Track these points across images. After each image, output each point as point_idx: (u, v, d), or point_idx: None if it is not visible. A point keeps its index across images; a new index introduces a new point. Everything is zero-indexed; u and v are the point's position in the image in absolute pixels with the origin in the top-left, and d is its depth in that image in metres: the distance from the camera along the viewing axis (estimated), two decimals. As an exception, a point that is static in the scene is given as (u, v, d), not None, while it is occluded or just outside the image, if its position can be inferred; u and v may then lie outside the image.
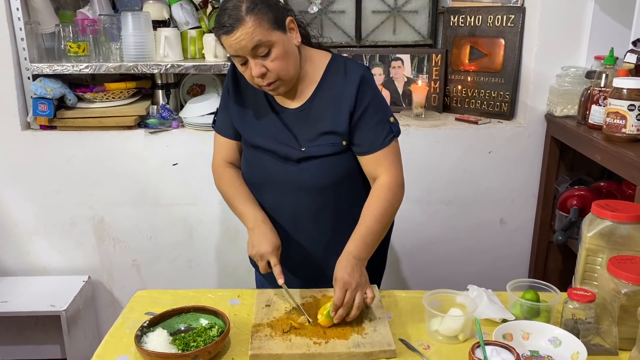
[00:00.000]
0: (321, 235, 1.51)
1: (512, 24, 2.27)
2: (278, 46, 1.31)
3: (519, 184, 2.34)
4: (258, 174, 1.50)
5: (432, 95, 2.47)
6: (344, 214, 1.50)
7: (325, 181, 1.44)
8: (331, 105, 1.42)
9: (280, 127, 1.45)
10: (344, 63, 1.45)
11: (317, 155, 1.42)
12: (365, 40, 2.59)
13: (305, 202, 1.47)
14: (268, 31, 1.29)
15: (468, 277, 2.31)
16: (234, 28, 1.27)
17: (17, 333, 2.32)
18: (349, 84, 1.40)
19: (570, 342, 1.22)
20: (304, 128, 1.43)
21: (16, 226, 2.32)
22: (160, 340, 1.21)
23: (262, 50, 1.30)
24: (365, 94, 1.41)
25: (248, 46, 1.29)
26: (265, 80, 1.35)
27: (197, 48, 2.33)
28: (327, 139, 1.42)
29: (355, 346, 1.23)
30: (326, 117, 1.42)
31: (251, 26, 1.27)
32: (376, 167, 1.43)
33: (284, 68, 1.34)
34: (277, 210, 1.49)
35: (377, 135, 1.42)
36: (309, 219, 1.49)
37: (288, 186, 1.46)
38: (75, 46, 2.19)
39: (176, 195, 2.29)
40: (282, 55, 1.33)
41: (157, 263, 2.39)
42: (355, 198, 1.50)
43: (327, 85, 1.43)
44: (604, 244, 1.33)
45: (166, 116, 2.28)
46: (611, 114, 1.76)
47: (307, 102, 1.44)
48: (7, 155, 2.23)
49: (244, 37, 1.28)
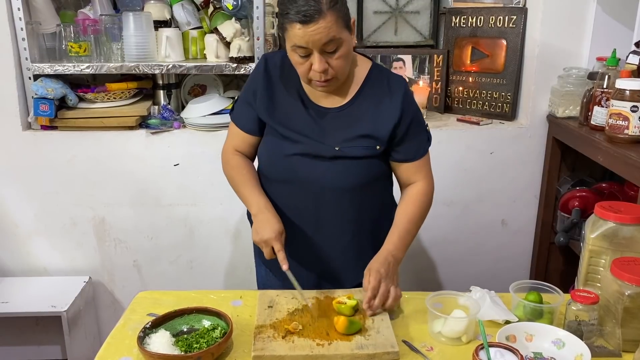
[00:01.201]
0: (341, 237, 1.51)
1: (513, 25, 2.27)
2: (345, 45, 1.33)
3: (521, 185, 2.34)
4: (283, 167, 1.47)
5: (434, 95, 2.47)
6: (365, 218, 1.51)
7: (353, 183, 1.45)
8: (372, 111, 1.43)
9: (313, 124, 1.45)
10: (386, 72, 1.49)
11: (350, 156, 1.43)
12: (367, 41, 2.58)
13: (329, 202, 1.47)
14: (342, 29, 1.31)
15: (469, 278, 2.32)
16: (314, 19, 1.26)
17: (18, 333, 2.32)
18: (394, 94, 1.44)
19: (573, 344, 1.21)
20: (341, 128, 1.44)
21: (17, 226, 2.31)
22: (162, 342, 1.21)
23: (331, 47, 1.31)
24: (410, 107, 1.45)
25: (322, 40, 1.28)
26: (325, 77, 1.35)
27: (199, 48, 2.33)
28: (363, 142, 1.43)
29: (359, 348, 1.22)
30: (366, 121, 1.43)
31: (330, 20, 1.27)
32: (415, 174, 1.49)
33: (344, 67, 1.36)
34: (299, 207, 1.49)
35: (420, 145, 1.49)
36: (331, 219, 1.49)
37: (314, 184, 1.46)
38: (77, 46, 2.19)
39: (177, 195, 2.29)
40: (346, 54, 1.35)
41: (158, 263, 2.39)
42: (378, 204, 1.53)
43: (369, 90, 1.45)
44: (607, 245, 1.33)
45: (167, 116, 2.28)
46: (614, 115, 1.76)
47: (347, 104, 1.45)
48: (8, 155, 2.23)
49: (321, 30, 1.27)
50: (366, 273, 1.36)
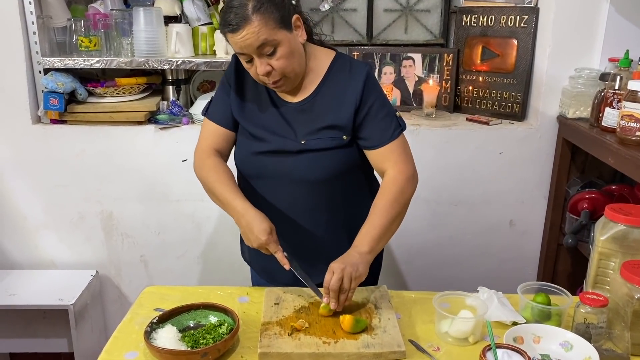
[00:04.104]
0: (314, 229, 1.50)
1: (525, 25, 2.25)
2: (284, 45, 1.33)
3: (530, 186, 2.32)
4: (254, 165, 1.49)
5: (443, 95, 2.46)
6: (338, 210, 1.51)
7: (321, 174, 1.44)
8: (334, 101, 1.43)
9: (280, 120, 1.46)
10: (349, 61, 1.47)
11: (316, 149, 1.42)
12: (377, 39, 2.57)
13: (300, 195, 1.47)
14: (274, 30, 1.30)
15: (476, 278, 2.31)
16: (240, 27, 1.28)
17: (25, 326, 2.33)
18: (354, 80, 1.42)
19: (581, 347, 1.21)
20: (305, 122, 1.44)
21: (25, 219, 2.33)
22: (169, 337, 1.21)
23: (267, 49, 1.32)
24: (371, 90, 1.43)
25: (253, 45, 1.30)
26: (271, 78, 1.36)
27: (208, 44, 2.33)
28: (327, 133, 1.42)
29: (365, 347, 1.22)
30: (328, 112, 1.43)
31: (257, 25, 1.28)
32: (383, 162, 1.45)
33: (289, 66, 1.35)
34: (271, 202, 1.48)
35: (386, 128, 1.44)
36: (303, 212, 1.49)
37: (283, 178, 1.46)
38: (87, 41, 2.20)
39: (185, 191, 2.29)
40: (288, 54, 1.34)
41: (165, 259, 2.39)
42: (350, 195, 1.51)
43: (331, 81, 1.45)
44: (617, 248, 1.32)
45: (176, 112, 2.28)
46: (625, 116, 1.74)
47: (310, 97, 1.45)
48: (18, 148, 2.24)
49: (249, 36, 1.29)
50: (328, 271, 1.33)
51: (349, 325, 1.26)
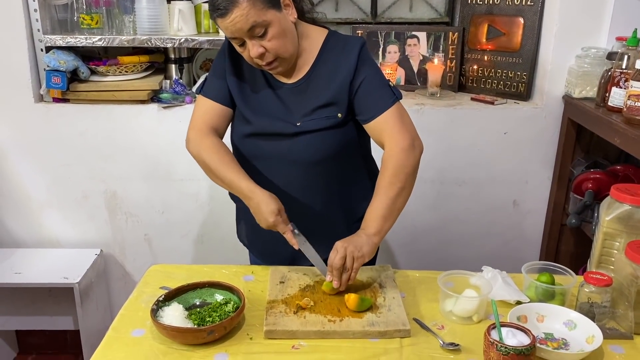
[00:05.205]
0: (310, 210, 1.50)
1: (531, 3, 2.22)
2: (274, 25, 1.31)
3: (534, 166, 2.32)
4: (250, 147, 1.49)
5: (448, 74, 2.44)
6: (334, 191, 1.50)
7: (317, 156, 1.44)
8: (329, 79, 1.42)
9: (276, 102, 1.45)
10: (343, 37, 1.46)
11: (311, 130, 1.41)
12: (381, 17, 2.55)
13: (295, 175, 1.46)
14: (262, 11, 1.29)
15: (480, 258, 2.31)
16: (228, 10, 1.27)
17: (31, 304, 2.35)
18: (348, 54, 1.41)
19: (585, 326, 1.22)
20: (301, 103, 1.43)
21: (29, 198, 2.33)
22: (175, 315, 1.22)
23: (258, 31, 1.30)
24: (365, 62, 1.42)
25: (244, 28, 1.28)
26: (264, 60, 1.35)
27: (211, 22, 2.31)
28: (322, 113, 1.41)
29: (370, 325, 1.23)
30: (323, 90, 1.42)
31: (245, 7, 1.26)
32: (381, 134, 1.42)
33: (282, 46, 1.34)
34: (267, 184, 1.47)
35: (380, 97, 1.41)
36: (299, 193, 1.48)
37: (279, 160, 1.46)
38: (89, 18, 2.17)
39: (188, 170, 2.29)
40: (279, 34, 1.32)
41: (169, 238, 2.40)
42: (346, 176, 1.51)
43: (324, 60, 1.43)
44: (622, 228, 1.32)
45: (179, 91, 2.27)
46: (632, 96, 1.73)
47: (304, 77, 1.44)
48: (20, 127, 2.23)
49: (238, 19, 1.27)
50: (332, 249, 1.33)
51: (354, 304, 1.27)
